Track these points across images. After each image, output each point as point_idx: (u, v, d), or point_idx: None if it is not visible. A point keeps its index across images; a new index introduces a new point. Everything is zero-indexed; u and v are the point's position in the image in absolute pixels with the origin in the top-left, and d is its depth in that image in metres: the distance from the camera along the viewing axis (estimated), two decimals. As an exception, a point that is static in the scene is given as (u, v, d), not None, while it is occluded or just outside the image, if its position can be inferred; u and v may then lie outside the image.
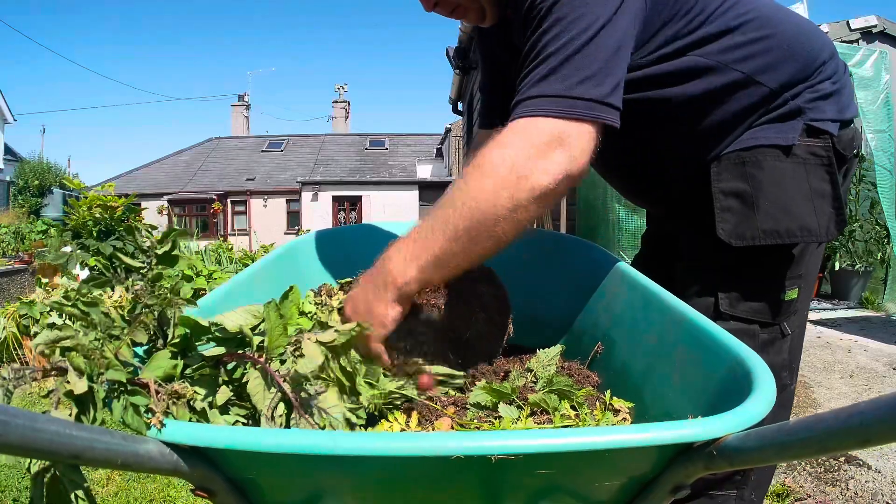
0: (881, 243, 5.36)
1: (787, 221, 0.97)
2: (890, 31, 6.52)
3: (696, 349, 0.76)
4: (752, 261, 1.01)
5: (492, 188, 0.80)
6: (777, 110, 0.99)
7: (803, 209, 0.98)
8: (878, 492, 2.03)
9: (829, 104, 1.00)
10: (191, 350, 0.62)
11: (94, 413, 0.50)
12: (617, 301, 1.08)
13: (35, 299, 3.83)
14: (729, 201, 1.00)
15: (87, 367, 0.50)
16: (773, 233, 0.98)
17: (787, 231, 0.97)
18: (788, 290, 1.02)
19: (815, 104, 0.99)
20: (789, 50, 0.98)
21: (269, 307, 0.63)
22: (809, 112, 0.99)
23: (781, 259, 1.02)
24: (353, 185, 22.39)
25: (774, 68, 0.97)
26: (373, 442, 0.52)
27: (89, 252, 4.26)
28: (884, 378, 3.25)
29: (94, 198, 4.53)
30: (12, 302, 4.20)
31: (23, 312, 3.79)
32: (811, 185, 0.98)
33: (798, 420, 0.46)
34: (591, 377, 0.99)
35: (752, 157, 0.99)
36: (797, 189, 0.98)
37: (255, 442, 0.51)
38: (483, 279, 1.14)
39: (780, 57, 0.98)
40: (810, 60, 1.00)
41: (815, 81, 1.00)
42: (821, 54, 1.01)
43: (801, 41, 1.00)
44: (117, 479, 2.30)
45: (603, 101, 0.82)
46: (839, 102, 1.02)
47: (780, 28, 0.99)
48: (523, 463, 0.52)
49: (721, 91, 0.98)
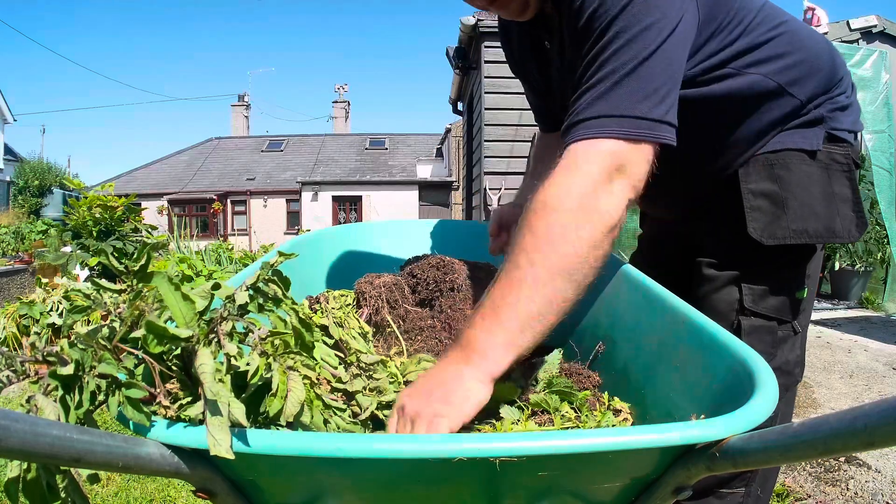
0: (881, 243, 5.36)
1: (814, 222, 1.02)
2: (890, 31, 6.52)
3: (697, 349, 0.76)
4: (776, 259, 1.05)
5: (565, 227, 0.75)
6: (802, 117, 1.04)
7: (828, 211, 1.02)
8: (878, 492, 2.02)
9: (845, 115, 1.06)
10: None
11: (79, 398, 0.50)
12: (618, 301, 1.08)
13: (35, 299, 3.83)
14: (759, 201, 1.03)
15: (78, 355, 0.50)
16: (802, 232, 1.01)
17: (815, 232, 1.01)
18: (799, 289, 1.07)
19: (835, 114, 1.05)
20: (816, 64, 1.03)
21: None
22: (830, 121, 1.04)
23: (802, 259, 1.06)
24: (353, 185, 22.39)
25: (804, 81, 1.02)
26: (374, 444, 0.52)
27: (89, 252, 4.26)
28: (884, 378, 3.25)
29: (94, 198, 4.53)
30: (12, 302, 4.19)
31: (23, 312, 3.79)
32: (834, 189, 1.03)
33: (802, 422, 0.46)
34: (593, 377, 0.99)
35: (780, 160, 1.03)
36: (821, 192, 1.03)
37: (256, 444, 0.51)
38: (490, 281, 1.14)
39: (808, 70, 1.02)
40: (832, 75, 1.05)
41: (834, 94, 1.05)
42: (839, 70, 1.07)
43: (824, 57, 1.05)
44: (117, 480, 2.30)
45: (663, 120, 0.80)
46: (852, 115, 1.08)
47: (807, 43, 1.03)
48: (525, 465, 0.52)
49: (756, 101, 1.01)
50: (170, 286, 0.55)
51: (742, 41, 0.96)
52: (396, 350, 1.03)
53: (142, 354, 0.53)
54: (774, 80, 0.99)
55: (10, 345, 3.78)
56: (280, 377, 0.56)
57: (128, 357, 0.52)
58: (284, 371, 0.58)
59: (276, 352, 0.59)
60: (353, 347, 0.88)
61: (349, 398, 0.78)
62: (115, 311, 0.59)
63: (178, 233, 7.37)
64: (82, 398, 0.50)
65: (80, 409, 0.50)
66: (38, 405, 0.48)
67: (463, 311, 1.06)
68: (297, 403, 0.57)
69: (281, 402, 0.56)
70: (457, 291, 1.09)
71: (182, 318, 0.55)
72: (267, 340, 0.59)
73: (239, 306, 0.60)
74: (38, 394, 0.48)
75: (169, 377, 0.56)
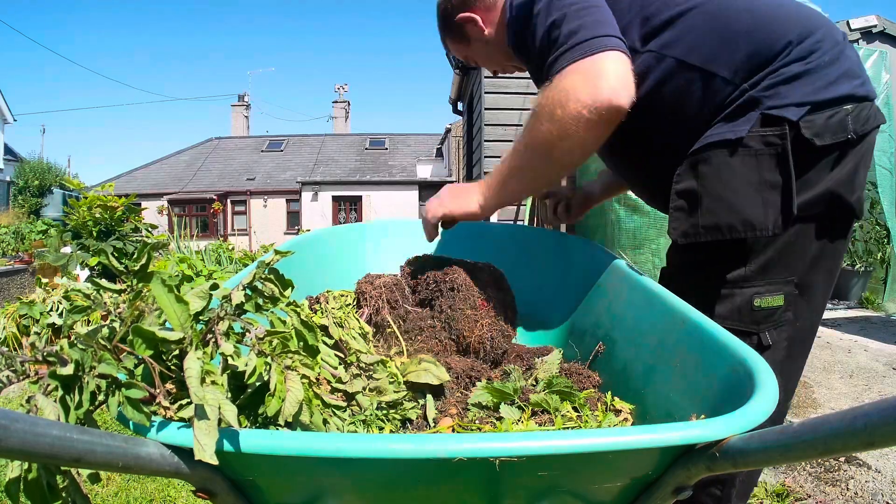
0: (881, 243, 5.36)
1: (728, 216, 0.94)
2: (890, 31, 6.52)
3: (697, 350, 0.76)
4: (702, 260, 0.99)
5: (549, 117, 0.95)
6: (734, 104, 0.96)
7: (750, 203, 0.94)
8: (878, 492, 2.02)
9: (793, 87, 0.94)
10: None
11: (79, 398, 0.50)
12: (618, 301, 1.08)
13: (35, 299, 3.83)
14: (680, 201, 0.99)
15: (78, 355, 0.50)
16: (713, 228, 0.95)
17: (729, 226, 0.94)
18: (765, 296, 0.96)
19: (775, 90, 0.94)
20: (744, 34, 0.96)
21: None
22: (767, 100, 0.94)
23: (735, 257, 0.97)
24: (353, 185, 22.39)
25: (722, 55, 0.96)
26: (374, 444, 0.52)
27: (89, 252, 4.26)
28: (884, 378, 3.25)
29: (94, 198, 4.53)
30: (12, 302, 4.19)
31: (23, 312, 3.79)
32: (762, 177, 0.94)
33: (802, 422, 0.46)
34: (593, 377, 0.99)
35: (704, 156, 0.97)
36: (746, 182, 0.94)
37: (256, 444, 0.51)
38: (492, 283, 1.14)
39: (727, 39, 0.96)
40: (771, 42, 0.95)
41: (779, 65, 0.95)
42: (788, 34, 0.95)
43: (760, 24, 0.96)
44: (117, 480, 2.30)
45: (613, 35, 0.94)
46: (812, 84, 0.94)
47: (728, 12, 0.97)
48: (525, 464, 0.52)
49: (672, 84, 0.99)
50: (163, 288, 0.55)
51: (651, 24, 1.00)
52: (396, 350, 1.03)
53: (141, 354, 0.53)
54: (686, 60, 0.97)
55: (10, 345, 3.78)
56: (278, 377, 0.56)
57: (128, 357, 0.52)
58: (282, 371, 0.58)
59: (274, 351, 0.59)
60: (353, 347, 0.88)
61: (349, 399, 0.78)
62: (115, 312, 0.59)
63: (178, 233, 7.36)
64: (82, 398, 0.50)
65: (81, 410, 0.50)
66: (38, 405, 0.48)
67: (463, 311, 1.06)
68: (296, 403, 0.57)
69: (279, 402, 0.56)
70: (456, 291, 1.09)
71: (177, 320, 0.55)
72: (265, 340, 0.59)
73: (236, 306, 0.60)
74: (38, 394, 0.48)
75: (169, 377, 0.56)
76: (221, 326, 0.56)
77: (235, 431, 0.53)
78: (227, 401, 0.51)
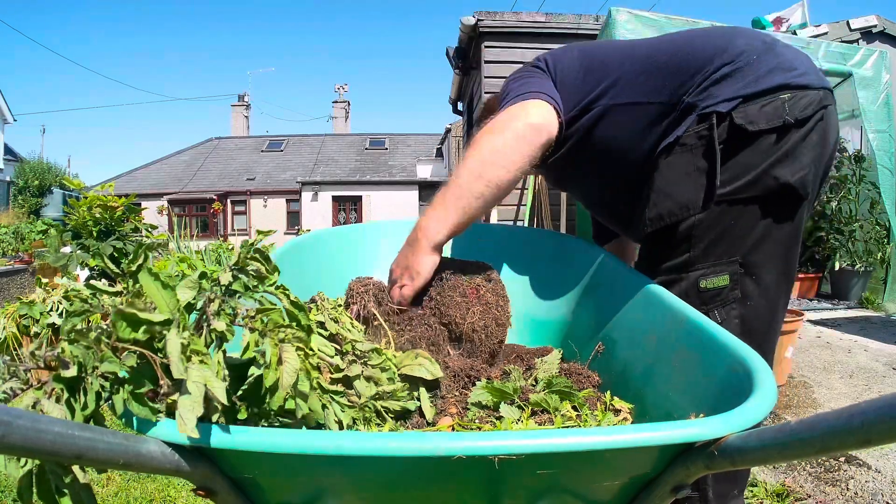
0: (881, 243, 5.36)
1: (667, 204, 1.05)
2: (890, 31, 6.53)
3: (696, 349, 0.76)
4: (655, 252, 1.10)
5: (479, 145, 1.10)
6: (673, 114, 1.07)
7: (684, 189, 1.04)
8: (878, 492, 2.03)
9: (723, 86, 1.03)
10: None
11: (84, 399, 0.50)
12: (618, 301, 1.08)
13: (35, 299, 3.83)
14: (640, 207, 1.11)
15: (81, 356, 0.50)
16: (656, 218, 1.06)
17: (669, 212, 1.05)
18: (710, 277, 1.04)
19: (707, 91, 1.04)
20: (666, 72, 1.09)
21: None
22: (702, 102, 1.03)
23: (681, 245, 1.06)
24: (353, 185, 22.39)
25: (656, 88, 1.09)
26: (374, 442, 0.52)
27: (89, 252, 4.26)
28: (884, 378, 3.25)
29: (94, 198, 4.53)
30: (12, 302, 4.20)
31: (23, 312, 3.79)
32: (696, 166, 1.03)
33: (800, 420, 0.46)
34: (592, 377, 0.99)
35: (654, 164, 1.09)
36: (681, 174, 1.04)
37: (256, 442, 0.52)
38: (480, 274, 1.15)
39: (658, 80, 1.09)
40: (697, 67, 1.06)
41: (709, 72, 1.05)
42: (708, 49, 1.07)
43: (679, 48, 1.11)
44: (117, 479, 2.30)
45: (543, 92, 1.12)
46: (741, 80, 1.03)
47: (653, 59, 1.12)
48: (525, 463, 0.52)
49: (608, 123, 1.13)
50: (150, 277, 0.55)
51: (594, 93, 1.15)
52: (385, 341, 1.04)
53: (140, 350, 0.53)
54: (616, 103, 1.12)
55: (10, 345, 3.78)
56: (272, 350, 0.57)
57: (129, 356, 0.52)
58: (276, 344, 0.58)
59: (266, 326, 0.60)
60: (349, 338, 0.89)
61: (347, 386, 0.79)
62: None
63: (178, 233, 7.37)
64: (87, 399, 0.50)
65: (87, 411, 0.50)
66: (43, 410, 0.48)
67: (452, 297, 1.07)
68: (293, 373, 0.57)
69: (276, 374, 0.56)
70: (445, 280, 1.11)
71: (165, 307, 0.55)
72: (256, 318, 0.60)
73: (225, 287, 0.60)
74: (44, 398, 0.49)
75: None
76: (213, 307, 0.57)
77: (236, 429, 0.53)
78: (216, 378, 0.51)
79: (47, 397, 0.49)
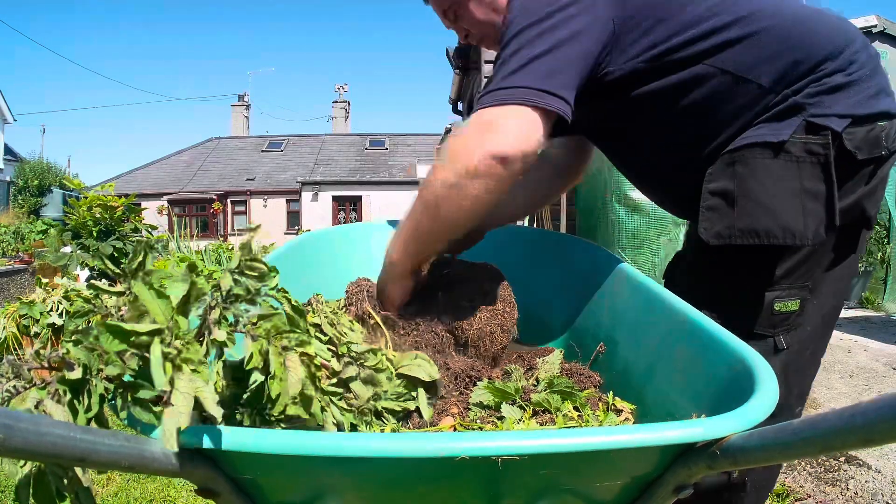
0: (881, 243, 5.36)
1: (767, 220, 0.92)
2: (890, 31, 6.53)
3: (698, 349, 0.76)
4: (732, 263, 0.98)
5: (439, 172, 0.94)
6: (776, 107, 0.95)
7: (789, 209, 0.92)
8: (878, 492, 2.03)
9: (836, 98, 0.93)
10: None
11: (88, 401, 0.50)
12: (619, 301, 1.08)
13: (35, 299, 3.83)
14: (714, 200, 0.97)
15: (85, 359, 0.50)
16: (750, 232, 0.93)
17: (766, 231, 0.92)
18: (785, 300, 0.96)
19: (819, 98, 0.93)
20: (784, 43, 0.94)
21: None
22: (811, 107, 0.93)
23: (765, 262, 0.96)
24: (353, 185, 22.38)
25: (764, 64, 0.94)
26: (375, 443, 0.52)
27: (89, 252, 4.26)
28: (884, 378, 3.25)
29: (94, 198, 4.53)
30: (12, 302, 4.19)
31: (23, 312, 3.79)
32: (803, 185, 0.92)
33: (801, 419, 0.46)
34: (594, 377, 0.99)
35: (741, 156, 0.95)
36: (786, 188, 0.93)
37: (258, 444, 0.52)
38: (487, 278, 1.14)
39: (771, 52, 0.94)
40: (812, 52, 0.94)
41: (822, 74, 0.94)
42: (828, 45, 0.94)
43: (801, 32, 0.95)
44: (117, 480, 2.30)
45: (539, 88, 0.88)
46: (854, 96, 0.94)
47: (773, 21, 0.95)
48: (526, 463, 0.52)
49: (708, 92, 0.96)
50: (143, 286, 0.54)
51: (689, 32, 0.95)
52: (384, 341, 1.04)
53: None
54: (722, 69, 0.95)
55: (11, 345, 3.78)
56: (276, 359, 0.56)
57: (132, 358, 0.52)
58: (280, 352, 0.57)
59: (269, 334, 0.59)
60: (345, 340, 0.89)
61: (345, 388, 0.79)
62: (116, 314, 0.59)
63: (178, 233, 7.37)
64: (91, 402, 0.50)
65: (90, 413, 0.50)
66: (46, 411, 0.48)
67: (459, 302, 1.07)
68: (298, 382, 0.56)
69: (281, 383, 0.56)
70: (452, 284, 1.11)
71: (161, 315, 0.54)
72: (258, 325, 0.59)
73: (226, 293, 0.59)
74: (47, 399, 0.48)
75: None
76: (213, 315, 0.56)
77: (238, 430, 0.53)
78: (208, 387, 0.50)
79: (50, 398, 0.49)
